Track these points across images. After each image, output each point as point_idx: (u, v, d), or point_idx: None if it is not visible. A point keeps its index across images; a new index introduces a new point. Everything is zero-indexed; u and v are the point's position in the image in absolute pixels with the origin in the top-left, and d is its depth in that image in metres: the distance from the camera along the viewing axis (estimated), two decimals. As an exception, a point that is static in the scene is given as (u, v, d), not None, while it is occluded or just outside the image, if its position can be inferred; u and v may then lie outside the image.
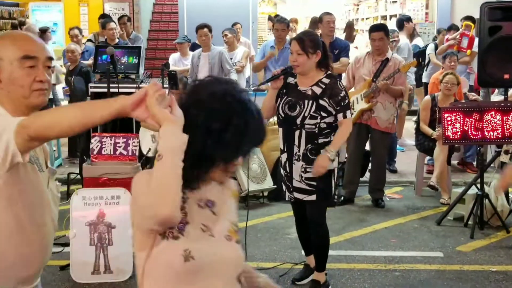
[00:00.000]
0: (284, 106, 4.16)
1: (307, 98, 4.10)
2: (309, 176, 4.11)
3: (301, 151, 4.13)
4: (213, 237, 1.81)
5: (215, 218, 1.86)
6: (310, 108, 4.08)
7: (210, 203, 1.87)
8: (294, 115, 4.11)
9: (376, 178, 6.57)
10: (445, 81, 6.81)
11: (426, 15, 12.53)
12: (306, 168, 4.12)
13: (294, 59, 4.10)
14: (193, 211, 1.81)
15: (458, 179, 7.27)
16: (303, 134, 4.10)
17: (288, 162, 4.20)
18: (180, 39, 9.10)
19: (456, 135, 5.74)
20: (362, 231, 5.73)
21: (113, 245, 4.50)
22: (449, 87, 6.75)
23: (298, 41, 4.10)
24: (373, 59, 6.32)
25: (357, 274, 4.72)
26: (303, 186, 4.16)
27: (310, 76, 4.14)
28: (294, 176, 4.18)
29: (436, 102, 6.84)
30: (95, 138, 5.41)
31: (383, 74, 6.20)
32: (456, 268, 4.86)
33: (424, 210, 6.43)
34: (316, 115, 4.07)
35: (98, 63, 7.21)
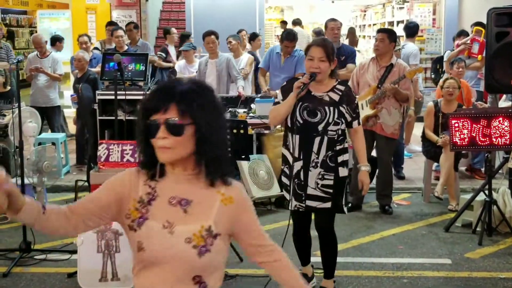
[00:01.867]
0: (302, 112, 4.08)
1: (326, 105, 4.08)
2: (326, 183, 4.10)
3: (320, 158, 4.09)
4: (171, 235, 1.91)
5: (185, 217, 1.94)
6: (333, 114, 4.06)
7: (184, 202, 1.95)
8: (315, 121, 4.07)
9: (383, 184, 6.55)
10: (446, 86, 6.81)
11: (433, 21, 12.50)
12: (324, 175, 4.10)
13: (316, 65, 4.04)
14: (160, 208, 1.94)
15: (466, 186, 7.24)
16: (324, 140, 4.08)
17: (303, 169, 4.12)
18: (186, 46, 9.12)
19: (464, 141, 5.72)
20: (370, 238, 5.71)
21: (120, 252, 4.50)
22: (451, 92, 6.75)
23: (322, 47, 4.06)
24: (377, 64, 6.31)
25: (365, 281, 4.70)
26: (318, 193, 4.12)
27: (324, 83, 4.14)
28: (309, 183, 4.12)
29: (439, 108, 6.84)
30: (102, 145, 5.43)
31: (387, 80, 6.19)
32: (465, 275, 4.83)
33: (432, 216, 6.40)
34: (339, 121, 4.09)
35: (106, 71, 7.24)
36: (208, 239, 1.93)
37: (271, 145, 6.88)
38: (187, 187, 1.96)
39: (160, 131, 1.87)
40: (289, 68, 7.70)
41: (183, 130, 1.88)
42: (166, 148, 1.89)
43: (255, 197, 6.41)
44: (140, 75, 7.21)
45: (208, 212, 1.96)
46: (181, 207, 1.95)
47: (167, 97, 1.88)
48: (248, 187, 6.45)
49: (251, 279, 4.70)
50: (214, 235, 1.94)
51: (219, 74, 7.86)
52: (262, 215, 6.40)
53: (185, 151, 1.91)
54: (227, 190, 2.00)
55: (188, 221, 1.93)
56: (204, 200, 1.96)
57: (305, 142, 4.10)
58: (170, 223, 1.92)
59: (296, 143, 4.13)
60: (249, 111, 7.12)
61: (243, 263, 5.02)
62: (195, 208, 1.95)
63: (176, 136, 1.88)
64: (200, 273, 1.96)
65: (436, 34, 11.88)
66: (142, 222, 1.95)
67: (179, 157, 1.91)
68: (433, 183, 7.00)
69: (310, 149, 4.09)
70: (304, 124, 4.08)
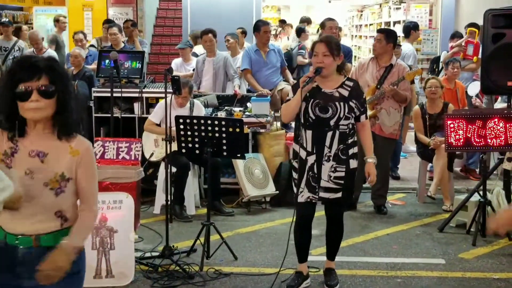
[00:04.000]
0: (314, 108, 4.24)
1: (337, 100, 4.25)
2: (338, 175, 4.28)
3: (332, 152, 4.26)
4: (32, 179, 2.46)
5: (42, 166, 2.48)
6: (344, 109, 4.23)
7: (41, 154, 2.48)
8: (327, 116, 4.23)
9: (379, 184, 6.54)
10: (428, 86, 6.86)
11: (430, 21, 12.52)
12: (337, 167, 4.28)
13: (320, 60, 4.21)
14: (22, 159, 2.47)
15: (460, 186, 7.26)
16: (336, 135, 4.25)
17: (317, 163, 4.27)
18: (182, 44, 9.11)
19: (459, 142, 5.74)
20: (364, 237, 5.73)
21: (115, 249, 4.50)
22: (434, 91, 6.80)
23: (326, 43, 4.23)
24: (377, 64, 6.32)
25: (359, 280, 4.71)
26: (331, 185, 4.29)
27: (333, 79, 4.31)
28: (322, 176, 4.28)
29: (425, 110, 6.87)
30: (98, 142, 5.43)
31: (387, 81, 6.20)
32: (458, 275, 4.84)
33: (426, 217, 6.42)
34: (349, 116, 4.26)
35: (102, 68, 7.22)
36: (62, 183, 2.50)
37: (267, 144, 6.88)
38: (44, 142, 2.48)
39: (33, 96, 2.38)
40: (273, 61, 7.77)
41: (54, 94, 2.42)
42: (38, 109, 2.40)
43: (250, 196, 6.42)
44: (136, 72, 7.19)
45: (61, 162, 2.50)
46: (39, 158, 2.48)
47: (37, 69, 2.40)
48: (243, 185, 6.45)
49: (245, 277, 4.70)
50: (67, 179, 2.50)
51: (216, 72, 7.86)
52: (257, 213, 6.41)
53: (51, 111, 2.44)
54: (76, 144, 2.53)
55: (45, 169, 2.48)
56: (57, 152, 2.50)
57: (318, 137, 4.26)
58: (31, 171, 2.46)
59: (309, 138, 4.28)
60: (245, 110, 7.12)
61: (238, 261, 5.03)
62: (50, 159, 2.48)
63: (47, 99, 2.40)
64: (59, 208, 2.51)
65: (432, 34, 11.89)
66: (8, 168, 2.47)
67: (46, 116, 2.43)
68: (428, 183, 7.02)
69: (322, 143, 4.25)
70: (316, 120, 4.24)
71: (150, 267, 4.78)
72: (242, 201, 6.56)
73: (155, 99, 7.01)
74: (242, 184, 6.49)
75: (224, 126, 4.97)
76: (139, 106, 7.02)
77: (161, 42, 14.19)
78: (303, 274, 4.51)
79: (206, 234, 4.95)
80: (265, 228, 5.96)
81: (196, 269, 4.75)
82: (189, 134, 5.06)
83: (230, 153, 5.14)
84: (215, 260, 4.99)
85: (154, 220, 6.12)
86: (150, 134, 6.42)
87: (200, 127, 5.00)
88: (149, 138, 6.44)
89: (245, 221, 6.16)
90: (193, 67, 8.45)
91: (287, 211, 6.19)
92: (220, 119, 5.12)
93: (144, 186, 6.09)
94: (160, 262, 4.82)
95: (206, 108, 6.86)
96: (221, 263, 4.98)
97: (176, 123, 5.06)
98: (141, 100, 7.01)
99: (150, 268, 4.77)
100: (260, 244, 5.49)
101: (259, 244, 5.48)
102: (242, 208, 6.55)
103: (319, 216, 5.04)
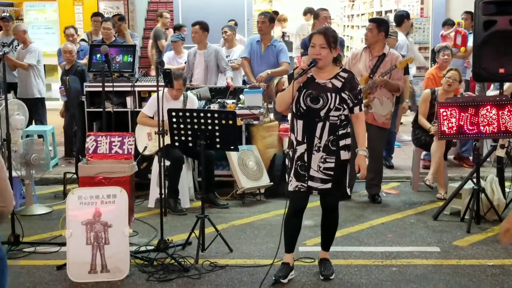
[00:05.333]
0: (305, 99, 4.25)
1: (329, 91, 4.25)
2: (328, 166, 4.29)
3: (322, 142, 4.27)
4: None
5: None
6: (334, 100, 4.23)
7: None
8: (317, 107, 4.23)
9: (373, 174, 6.56)
10: (448, 76, 6.81)
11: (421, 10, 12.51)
12: (326, 158, 4.29)
13: (317, 52, 4.22)
14: None
15: (454, 174, 7.28)
16: (326, 125, 4.25)
17: (307, 152, 4.29)
18: (174, 37, 9.08)
19: (452, 130, 5.75)
20: (359, 227, 5.74)
21: (110, 244, 4.49)
22: (451, 83, 6.77)
23: (323, 35, 4.24)
24: (370, 54, 6.32)
25: (354, 269, 4.72)
26: (320, 175, 4.30)
27: (327, 70, 4.32)
28: (312, 166, 4.30)
29: (436, 96, 6.84)
30: (90, 137, 5.41)
31: (380, 70, 6.20)
32: (453, 263, 4.86)
33: (420, 205, 6.44)
34: (340, 107, 4.26)
35: (93, 62, 7.20)
36: None
37: (260, 136, 6.88)
38: None
39: None
40: (269, 57, 7.70)
41: None
42: None
43: (244, 188, 6.41)
44: (127, 66, 7.16)
45: None
46: None
47: None
48: (237, 177, 6.45)
49: (240, 269, 4.71)
50: None
51: (207, 65, 7.84)
52: (251, 205, 6.41)
53: None
54: None
55: None
56: None
57: (308, 127, 4.27)
58: None
59: (300, 128, 4.30)
60: (238, 102, 7.11)
61: (233, 253, 5.03)
62: None
63: None
64: None
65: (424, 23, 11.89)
66: None
67: None
68: (422, 172, 7.03)
69: (313, 133, 4.27)
70: (307, 110, 4.26)
71: (145, 261, 4.78)
72: (236, 193, 6.55)
73: (148, 93, 6.99)
74: (236, 176, 6.49)
75: (217, 119, 4.96)
76: (131, 100, 7.00)
77: (153, 36, 14.12)
78: (290, 265, 4.51)
79: (201, 227, 4.95)
80: (259, 219, 5.96)
81: (191, 262, 4.75)
82: (182, 127, 5.04)
83: (224, 145, 5.13)
84: (210, 253, 4.99)
85: (148, 214, 6.12)
86: (144, 128, 6.40)
87: (193, 119, 4.99)
88: (142, 132, 6.42)
89: (239, 213, 6.16)
90: (185, 60, 8.43)
91: (281, 202, 6.17)
92: (213, 111, 5.11)
93: (138, 180, 6.08)
94: (155, 256, 4.82)
95: (199, 101, 6.85)
96: (216, 255, 4.98)
97: (168, 116, 5.05)
98: (134, 94, 6.99)
99: (145, 262, 4.76)
100: (255, 235, 5.49)
101: (254, 236, 5.48)
102: (236, 200, 6.55)
103: (313, 207, 5.05)
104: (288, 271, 4.47)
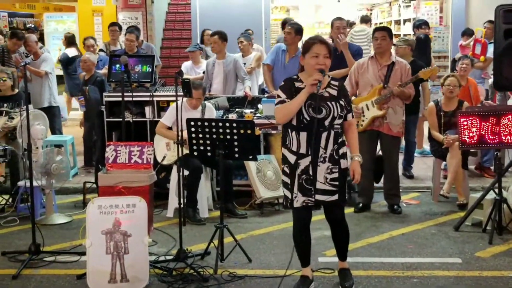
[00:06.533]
0: (307, 109, 4.17)
1: (328, 100, 4.21)
2: (334, 176, 4.24)
3: (327, 153, 4.22)
4: None
5: None
6: (336, 108, 4.21)
7: None
8: (321, 117, 4.17)
9: (391, 184, 6.51)
10: (446, 83, 6.80)
11: (441, 18, 12.46)
12: (332, 168, 4.24)
13: (322, 62, 4.17)
14: None
15: (475, 184, 7.20)
16: (331, 135, 4.21)
17: (312, 165, 4.20)
18: (192, 47, 9.12)
19: (472, 139, 5.69)
20: (379, 237, 5.69)
21: (129, 253, 4.49)
22: (451, 89, 6.75)
23: (326, 45, 4.22)
24: (377, 63, 6.27)
25: (375, 281, 4.68)
26: (327, 187, 4.24)
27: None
28: (318, 178, 4.22)
29: (440, 107, 6.82)
30: (110, 147, 5.43)
31: (391, 79, 6.16)
32: (475, 274, 4.79)
33: (441, 215, 6.37)
34: (342, 114, 4.25)
35: (112, 72, 7.24)
36: None
37: (278, 145, 6.84)
38: None
39: None
40: (293, 68, 7.61)
41: None
42: None
43: (262, 198, 6.40)
44: (146, 76, 7.20)
45: None
46: None
47: None
48: (256, 187, 6.44)
49: (259, 280, 4.68)
50: None
51: (226, 74, 7.86)
52: (270, 215, 6.39)
53: None
54: None
55: None
56: None
57: (312, 138, 4.17)
58: None
59: (303, 140, 4.21)
60: (256, 111, 7.10)
61: (252, 263, 5.01)
62: None
63: None
64: None
65: (443, 32, 11.83)
66: None
67: None
68: (442, 182, 6.96)
69: (318, 144, 4.19)
70: (311, 121, 4.17)
71: (164, 271, 4.77)
72: (255, 203, 6.54)
73: (166, 103, 7.01)
74: (254, 186, 6.47)
75: (236, 128, 4.96)
76: (150, 109, 7.03)
77: (171, 46, 14.23)
78: (309, 278, 4.46)
79: (220, 236, 4.93)
80: (278, 230, 5.93)
81: (210, 272, 4.74)
82: (201, 137, 5.05)
83: (242, 155, 5.12)
84: (229, 263, 4.97)
85: (167, 224, 6.12)
86: (162, 138, 6.42)
87: (211, 129, 4.99)
88: (161, 142, 6.44)
89: (258, 223, 6.14)
90: (203, 69, 8.46)
91: (300, 212, 6.16)
92: (232, 121, 5.11)
93: (156, 190, 6.08)
94: (174, 266, 4.81)
95: (217, 111, 6.86)
96: (235, 265, 4.96)
97: (187, 126, 5.06)
98: (152, 104, 7.02)
99: (165, 272, 4.76)
100: (274, 246, 5.47)
101: (273, 246, 5.46)
102: (255, 210, 6.53)
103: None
104: (308, 284, 4.43)
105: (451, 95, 6.78)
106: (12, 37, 8.86)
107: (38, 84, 8.57)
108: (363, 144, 6.29)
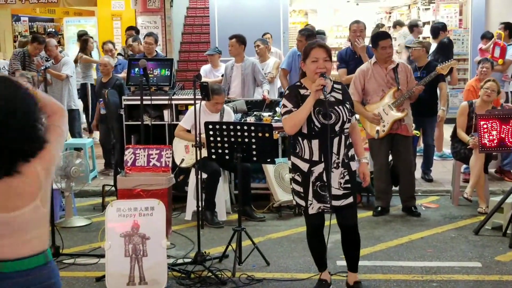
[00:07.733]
0: (317, 116, 4.11)
1: (335, 105, 4.18)
2: (346, 179, 4.23)
3: (340, 158, 4.19)
4: None
5: None
6: (345, 112, 4.18)
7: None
8: (332, 122, 4.12)
9: (407, 185, 6.46)
10: (485, 87, 6.69)
11: (460, 21, 12.36)
12: (345, 173, 4.21)
13: (322, 66, 4.13)
14: None
15: (496, 188, 7.13)
16: (342, 139, 4.19)
17: (325, 171, 4.15)
18: (211, 50, 9.15)
19: (492, 142, 5.64)
20: (398, 241, 5.65)
21: (148, 256, 4.52)
22: (489, 93, 6.64)
23: (325, 49, 4.20)
24: (382, 68, 6.25)
25: (394, 285, 4.65)
26: (341, 192, 4.21)
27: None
28: (333, 184, 4.17)
29: (473, 109, 6.72)
30: (128, 150, 5.47)
31: (400, 81, 6.19)
32: (495, 279, 4.74)
33: (461, 219, 6.31)
34: (350, 118, 4.23)
35: (131, 76, 7.29)
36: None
37: (296, 149, 6.85)
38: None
39: None
40: None
41: None
42: None
43: (281, 201, 6.39)
44: (165, 80, 7.24)
45: None
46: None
47: None
48: (274, 190, 6.43)
49: (277, 283, 4.68)
50: None
51: (244, 78, 7.87)
52: (288, 218, 6.38)
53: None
54: None
55: None
56: None
57: (325, 145, 4.13)
58: None
59: (316, 147, 4.15)
60: (274, 115, 7.10)
61: (270, 267, 5.00)
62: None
63: None
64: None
65: (463, 35, 11.74)
66: None
67: None
68: (462, 185, 6.90)
69: (330, 150, 4.14)
70: (322, 127, 4.12)
71: (182, 274, 4.79)
72: (273, 206, 6.53)
73: (185, 106, 7.04)
74: (272, 189, 6.47)
75: (254, 131, 4.96)
76: (168, 113, 7.06)
77: (190, 49, 14.29)
78: (327, 281, 4.45)
79: (238, 239, 4.94)
80: (296, 233, 5.92)
81: (228, 275, 4.74)
82: (219, 140, 5.06)
83: (260, 158, 5.12)
84: (247, 266, 4.97)
85: (185, 227, 6.14)
86: (181, 141, 6.45)
87: (229, 132, 5.00)
88: (180, 145, 6.47)
89: (276, 226, 6.14)
90: (221, 73, 8.48)
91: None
92: (250, 124, 5.11)
93: (175, 193, 6.11)
94: (192, 269, 4.83)
95: (235, 114, 6.87)
96: (253, 268, 4.96)
97: (205, 129, 5.07)
98: (171, 107, 7.05)
99: (183, 275, 4.77)
100: (292, 249, 5.46)
101: (291, 249, 5.45)
102: (273, 213, 6.53)
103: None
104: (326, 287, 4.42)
105: (488, 99, 6.69)
106: (33, 42, 8.98)
107: (58, 88, 8.68)
108: (381, 148, 6.29)
